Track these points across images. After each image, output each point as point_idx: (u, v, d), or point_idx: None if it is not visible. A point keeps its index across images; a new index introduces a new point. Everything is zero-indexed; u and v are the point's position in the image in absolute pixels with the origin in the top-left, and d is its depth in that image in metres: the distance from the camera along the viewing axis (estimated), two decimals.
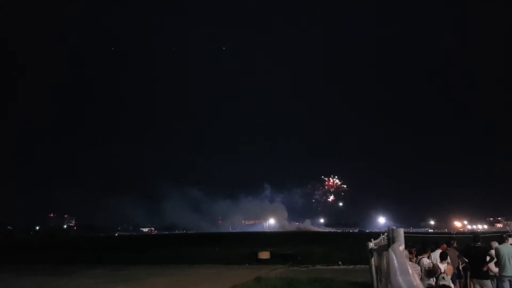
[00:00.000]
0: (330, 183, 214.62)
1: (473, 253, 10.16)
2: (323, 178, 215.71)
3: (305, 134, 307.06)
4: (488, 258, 9.90)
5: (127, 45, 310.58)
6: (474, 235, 10.93)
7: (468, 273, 10.88)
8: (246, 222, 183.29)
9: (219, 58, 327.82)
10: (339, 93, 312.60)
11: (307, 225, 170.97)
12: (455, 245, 11.49)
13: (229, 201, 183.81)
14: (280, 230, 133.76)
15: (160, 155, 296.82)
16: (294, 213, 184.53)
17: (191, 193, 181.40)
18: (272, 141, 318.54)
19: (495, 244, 10.09)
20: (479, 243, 10.34)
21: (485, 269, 9.75)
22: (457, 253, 11.10)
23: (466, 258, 10.62)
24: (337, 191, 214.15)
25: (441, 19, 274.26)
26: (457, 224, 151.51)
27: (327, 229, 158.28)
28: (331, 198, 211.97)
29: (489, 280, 9.71)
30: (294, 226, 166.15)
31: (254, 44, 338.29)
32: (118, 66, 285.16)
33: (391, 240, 4.43)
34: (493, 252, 9.85)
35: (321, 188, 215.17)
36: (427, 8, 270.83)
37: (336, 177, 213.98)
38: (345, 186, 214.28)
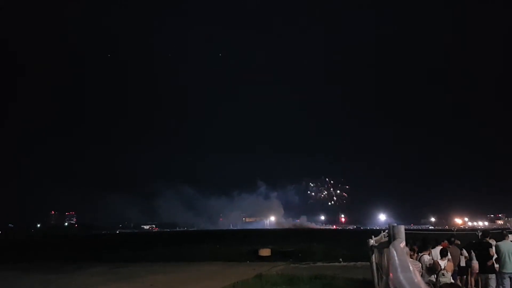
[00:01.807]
0: (330, 182, 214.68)
1: (479, 248, 10.18)
2: (323, 178, 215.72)
3: (305, 134, 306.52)
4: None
5: (127, 45, 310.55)
6: (483, 230, 10.99)
7: (470, 269, 10.90)
8: (247, 220, 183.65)
9: (219, 58, 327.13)
10: (339, 93, 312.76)
11: (303, 222, 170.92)
12: (456, 242, 11.50)
13: (224, 198, 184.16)
14: (277, 227, 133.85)
15: (160, 155, 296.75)
16: (290, 210, 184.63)
17: (189, 191, 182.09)
18: (272, 141, 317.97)
19: (494, 241, 10.10)
20: (487, 238, 10.35)
21: (489, 263, 9.77)
22: (459, 250, 11.11)
23: (471, 253, 10.66)
24: (337, 190, 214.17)
25: (441, 19, 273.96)
26: (458, 221, 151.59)
27: (324, 226, 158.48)
28: (328, 193, 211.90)
29: (494, 274, 9.72)
30: (290, 223, 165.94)
31: (254, 44, 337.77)
32: (118, 66, 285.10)
33: (391, 237, 4.42)
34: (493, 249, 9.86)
35: (319, 187, 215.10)
36: (427, 8, 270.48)
37: (332, 181, 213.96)
38: (346, 186, 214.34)
